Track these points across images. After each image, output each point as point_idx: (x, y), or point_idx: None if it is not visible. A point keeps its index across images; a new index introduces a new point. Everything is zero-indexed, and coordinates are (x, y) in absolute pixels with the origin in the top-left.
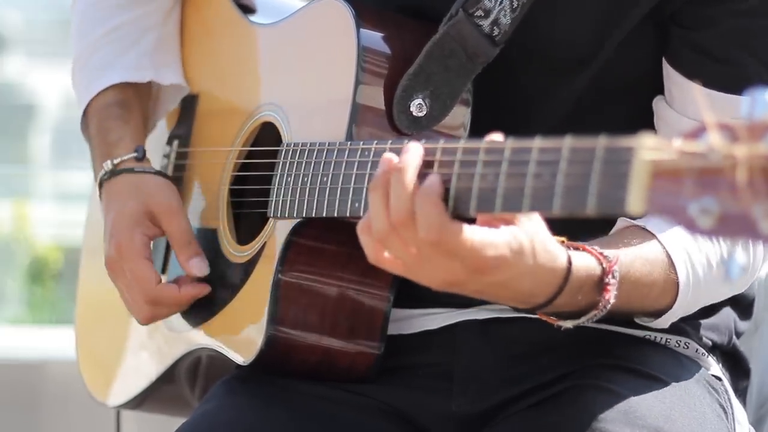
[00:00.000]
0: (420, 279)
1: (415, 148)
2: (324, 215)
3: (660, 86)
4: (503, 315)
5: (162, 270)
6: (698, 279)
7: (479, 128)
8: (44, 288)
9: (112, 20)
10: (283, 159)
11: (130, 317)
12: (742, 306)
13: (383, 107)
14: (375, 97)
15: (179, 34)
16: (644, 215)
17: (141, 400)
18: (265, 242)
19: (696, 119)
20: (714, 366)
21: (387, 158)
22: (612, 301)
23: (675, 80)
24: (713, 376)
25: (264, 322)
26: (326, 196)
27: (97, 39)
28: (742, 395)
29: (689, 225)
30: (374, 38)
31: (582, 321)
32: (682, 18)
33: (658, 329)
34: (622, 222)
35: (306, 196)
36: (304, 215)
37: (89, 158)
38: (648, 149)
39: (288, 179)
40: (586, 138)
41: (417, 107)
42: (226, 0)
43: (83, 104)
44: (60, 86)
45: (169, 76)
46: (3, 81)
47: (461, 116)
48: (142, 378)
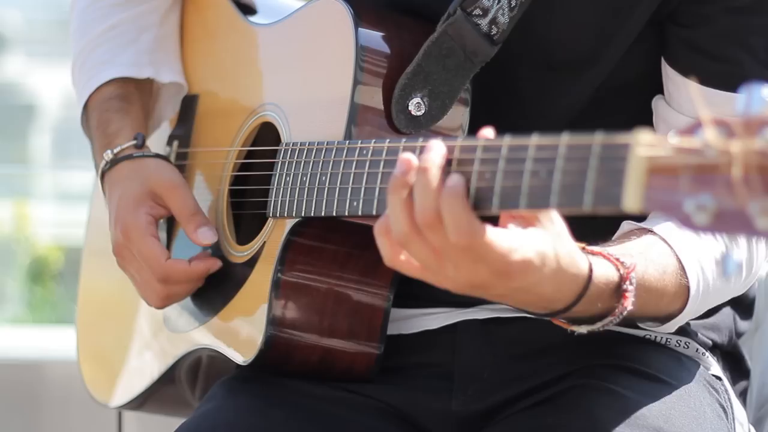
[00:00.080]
0: (439, 281)
1: (438, 147)
2: (323, 215)
3: (660, 87)
4: (503, 315)
5: None
6: (707, 283)
7: (478, 128)
8: (44, 288)
9: (111, 18)
10: (282, 159)
11: (131, 317)
12: (743, 306)
13: (382, 107)
14: (373, 97)
15: (178, 35)
16: (641, 212)
17: (142, 401)
18: (265, 242)
19: (693, 117)
20: (714, 366)
21: (406, 159)
22: (630, 308)
23: (673, 79)
24: (713, 376)
25: (264, 322)
26: (325, 196)
27: (96, 37)
28: (742, 395)
29: (685, 221)
30: (373, 38)
31: (597, 327)
32: (679, 17)
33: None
34: (628, 225)
35: (305, 196)
36: (303, 215)
37: (89, 157)
38: (644, 146)
39: (287, 179)
40: (583, 135)
41: (415, 106)
42: (226, 1)
43: (83, 99)
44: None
45: (168, 75)
46: (3, 81)
47: (460, 116)
48: (144, 378)
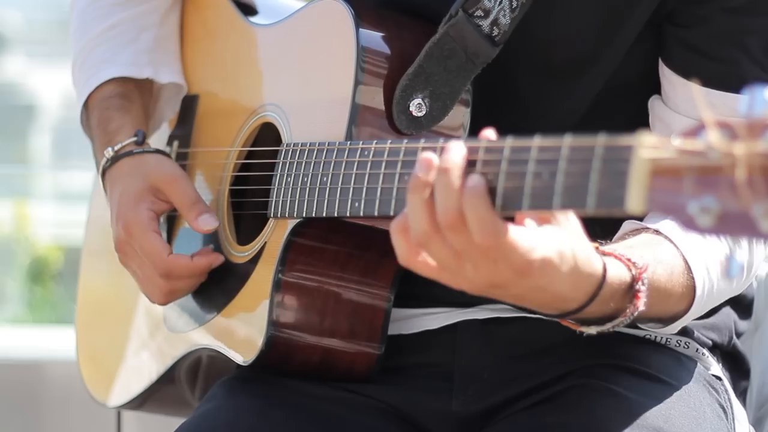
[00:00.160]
0: (457, 282)
1: (459, 147)
2: (324, 215)
3: (659, 88)
4: (503, 315)
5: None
6: (712, 284)
7: (479, 129)
8: (44, 288)
9: (111, 18)
10: (283, 159)
11: (131, 317)
12: (742, 305)
13: (383, 107)
14: (374, 98)
15: (178, 35)
16: (644, 214)
17: (142, 401)
18: (266, 242)
19: (690, 117)
20: (714, 365)
21: (427, 158)
22: (641, 309)
23: (669, 78)
24: (713, 376)
25: (264, 323)
26: (326, 196)
27: (96, 36)
28: (742, 395)
29: (688, 223)
30: (374, 38)
31: (607, 327)
32: (676, 17)
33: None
34: (630, 224)
35: (306, 196)
36: (304, 215)
37: (89, 157)
38: (647, 148)
39: (288, 179)
40: (586, 136)
41: (416, 107)
42: (226, 1)
43: (83, 98)
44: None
45: (168, 75)
46: (3, 81)
47: (461, 116)
48: (143, 378)
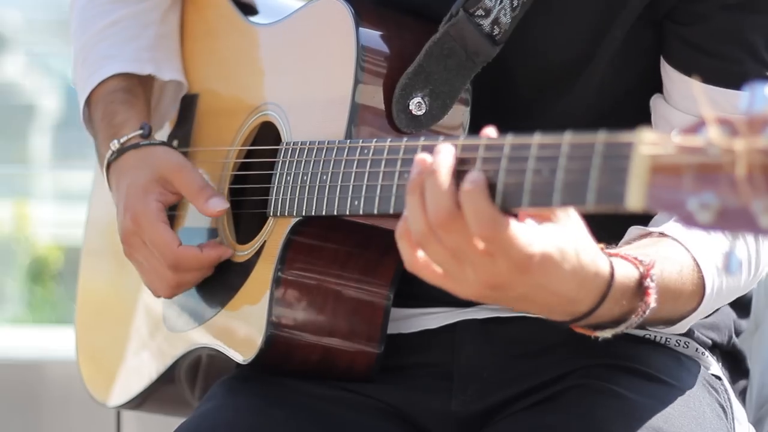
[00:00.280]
0: (460, 285)
1: (446, 149)
2: (323, 213)
3: (660, 90)
4: (503, 314)
5: None
6: (721, 282)
7: (479, 128)
8: (44, 288)
9: (112, 15)
10: (283, 158)
11: (130, 317)
12: (741, 304)
13: (382, 106)
14: (374, 97)
15: (178, 34)
16: (644, 210)
17: (141, 401)
18: (265, 241)
19: (691, 114)
20: (714, 365)
21: (420, 159)
22: (653, 305)
23: (671, 76)
24: (713, 376)
25: (264, 321)
26: (326, 195)
27: (98, 32)
28: (742, 395)
29: (688, 220)
30: (373, 37)
31: (621, 329)
32: (676, 15)
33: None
34: (635, 230)
35: (305, 195)
36: (304, 214)
37: (89, 157)
38: (647, 144)
39: (287, 178)
40: (586, 133)
41: (416, 106)
42: (226, 0)
43: (85, 94)
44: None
45: (169, 73)
46: (3, 81)
47: (460, 115)
48: (143, 378)
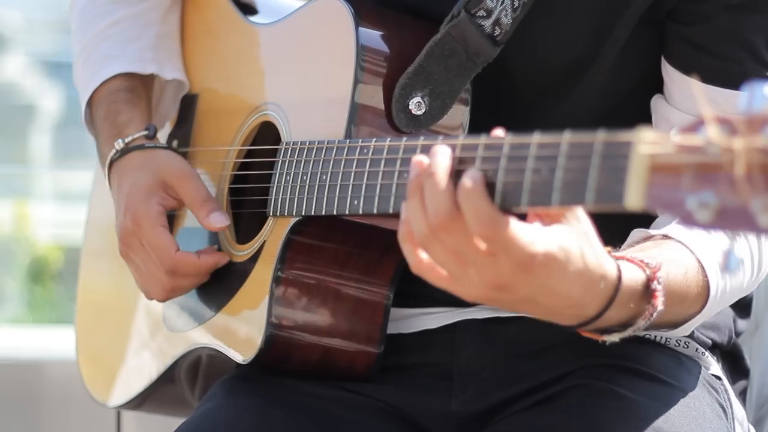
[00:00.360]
0: (465, 287)
1: (443, 150)
2: (323, 213)
3: (661, 89)
4: (503, 315)
5: None
6: (725, 283)
7: (479, 128)
8: (44, 288)
9: (113, 15)
10: (283, 158)
11: (130, 317)
12: (741, 305)
13: (382, 106)
14: (374, 96)
15: (179, 34)
16: (643, 209)
17: (141, 401)
18: (265, 241)
19: (692, 114)
20: (714, 365)
21: (417, 161)
22: (660, 308)
23: (672, 76)
24: (713, 376)
25: (263, 321)
26: (325, 194)
27: (99, 33)
28: (742, 395)
29: (687, 218)
30: (373, 37)
31: (628, 333)
32: (678, 15)
33: None
34: (638, 233)
35: (305, 194)
36: (303, 213)
37: (89, 157)
38: (646, 143)
39: (287, 178)
40: (585, 133)
41: (416, 105)
42: (226, 0)
43: (88, 94)
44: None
45: (171, 72)
46: (3, 81)
47: (460, 115)
48: (143, 378)
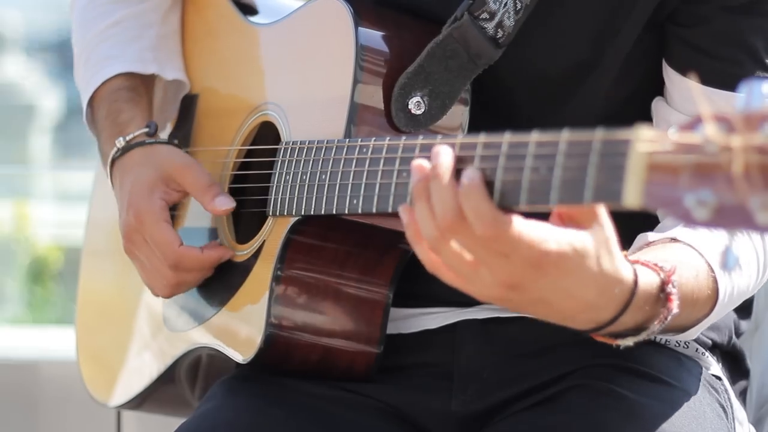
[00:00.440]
0: (477, 287)
1: (445, 151)
2: (322, 212)
3: (662, 92)
4: (503, 315)
5: None
6: (733, 285)
7: (478, 130)
8: (44, 288)
9: (113, 15)
10: (282, 157)
11: (131, 317)
12: (742, 305)
13: (382, 106)
14: (373, 96)
15: (179, 34)
16: (641, 208)
17: (141, 400)
18: (265, 240)
19: (692, 115)
20: (714, 365)
21: (418, 165)
22: (675, 311)
23: (672, 78)
24: (713, 376)
25: (263, 321)
26: (324, 194)
27: (99, 33)
28: (742, 395)
29: (685, 216)
30: (373, 37)
31: (642, 336)
32: (677, 17)
33: None
34: (644, 237)
35: (305, 194)
36: (303, 213)
37: (89, 157)
38: (644, 141)
39: (287, 177)
40: (583, 131)
41: (415, 105)
42: (226, 1)
43: (89, 93)
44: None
45: (172, 72)
46: (3, 81)
47: (459, 115)
48: (143, 378)
